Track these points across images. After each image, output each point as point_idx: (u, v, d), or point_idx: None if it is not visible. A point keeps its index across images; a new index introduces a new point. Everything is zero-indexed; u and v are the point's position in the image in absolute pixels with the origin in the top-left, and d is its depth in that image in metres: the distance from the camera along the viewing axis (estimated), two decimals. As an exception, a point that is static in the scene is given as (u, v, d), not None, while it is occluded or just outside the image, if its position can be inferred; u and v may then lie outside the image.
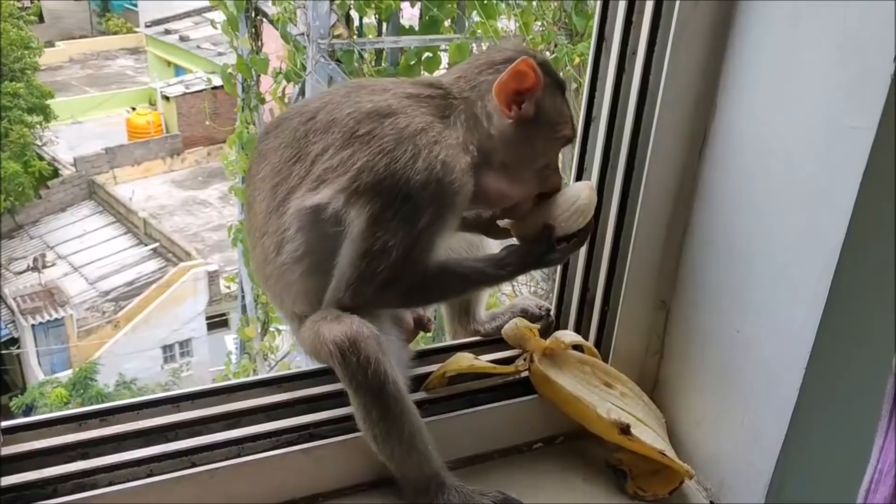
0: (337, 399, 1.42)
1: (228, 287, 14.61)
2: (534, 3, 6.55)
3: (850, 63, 1.10)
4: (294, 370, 1.53)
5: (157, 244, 17.44)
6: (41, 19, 22.41)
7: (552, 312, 1.66)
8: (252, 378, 1.51)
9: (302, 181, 1.30)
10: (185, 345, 16.36)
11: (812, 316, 1.20)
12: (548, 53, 6.45)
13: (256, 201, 1.37)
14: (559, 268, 1.64)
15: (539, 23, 6.59)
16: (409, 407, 1.31)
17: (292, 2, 6.48)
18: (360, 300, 1.31)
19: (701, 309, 1.45)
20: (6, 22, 17.42)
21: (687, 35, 1.28)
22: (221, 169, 11.81)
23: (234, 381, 1.48)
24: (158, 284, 16.27)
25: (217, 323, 16.56)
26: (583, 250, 1.56)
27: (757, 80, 1.26)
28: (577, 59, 5.92)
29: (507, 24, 6.74)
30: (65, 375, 14.22)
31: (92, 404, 11.75)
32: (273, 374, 1.55)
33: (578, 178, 1.55)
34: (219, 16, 7.75)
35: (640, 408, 1.50)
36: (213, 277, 16.48)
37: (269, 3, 7.06)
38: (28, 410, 13.75)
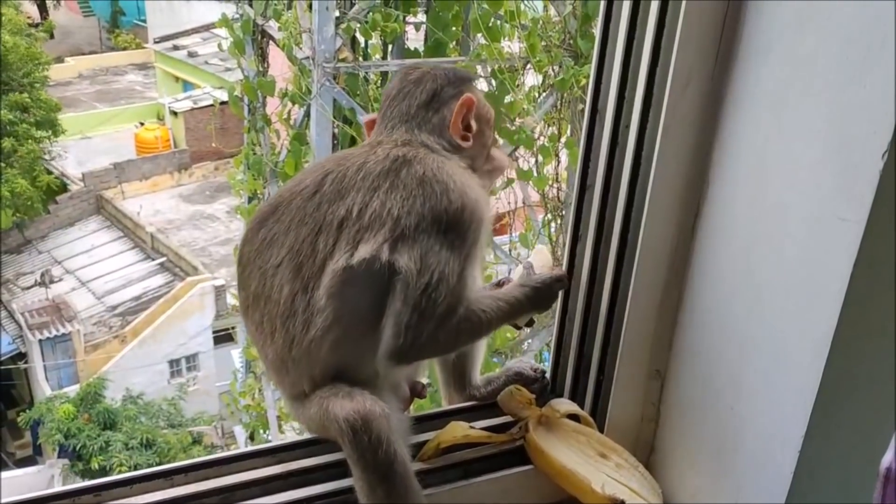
0: (331, 471, 1.42)
1: (235, 302, 14.65)
2: (539, 25, 6.57)
3: (840, 155, 1.10)
4: (289, 440, 1.53)
5: (164, 259, 17.52)
6: (52, 35, 22.60)
7: (547, 375, 1.66)
8: (247, 449, 1.51)
9: (334, 249, 1.30)
10: (191, 359, 16.41)
11: (805, 402, 1.19)
12: (552, 73, 6.50)
13: (274, 290, 1.34)
14: (555, 333, 1.64)
15: (544, 43, 6.61)
16: (414, 486, 1.31)
17: (298, 25, 6.51)
18: (420, 340, 1.29)
19: (696, 382, 1.44)
20: (16, 36, 17.57)
21: (677, 117, 1.28)
22: (229, 184, 11.88)
23: (228, 453, 1.47)
24: (165, 299, 16.34)
25: (223, 337, 16.61)
26: (578, 318, 1.56)
27: (747, 166, 1.26)
28: (584, 81, 5.93)
29: (510, 45, 6.77)
30: (72, 390, 14.27)
31: (99, 419, 11.71)
32: (268, 444, 1.54)
33: (574, 244, 1.55)
34: (227, 33, 7.80)
35: (636, 479, 1.50)
36: (219, 292, 16.54)
37: (276, 27, 7.09)
38: (35, 425, 13.80)
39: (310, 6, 6.30)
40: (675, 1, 1.25)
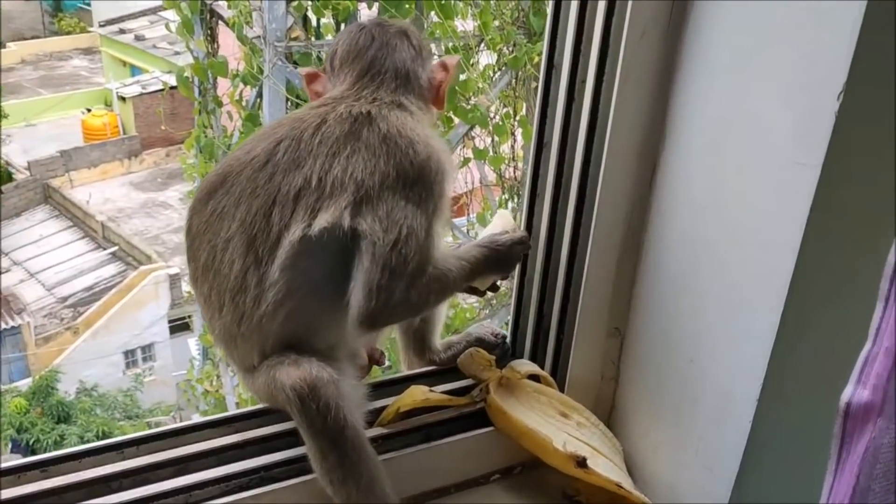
0: (288, 439, 1.39)
1: (191, 290, 14.41)
2: (492, 2, 6.53)
3: (796, 100, 1.10)
4: (245, 409, 1.50)
5: (116, 248, 17.14)
6: (-10, 20, 21.84)
7: (508, 340, 1.64)
8: (201, 419, 1.47)
9: (290, 221, 1.25)
10: (147, 349, 16.11)
11: (763, 349, 1.20)
12: (506, 51, 6.47)
13: (224, 264, 1.28)
14: (514, 294, 1.63)
15: (497, 22, 6.57)
16: (367, 451, 1.28)
17: (248, 3, 6.37)
18: (393, 300, 1.25)
19: (655, 337, 1.44)
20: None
21: (635, 69, 1.27)
22: (181, 170, 11.65)
23: (182, 424, 1.43)
24: (118, 289, 15.99)
25: (179, 326, 16.31)
26: (537, 279, 1.55)
27: (704, 117, 1.25)
28: (537, 58, 5.92)
29: (464, 24, 6.72)
30: (24, 384, 13.92)
31: (53, 413, 11.46)
32: (222, 414, 1.50)
33: (532, 203, 1.53)
34: (174, 15, 7.60)
35: (597, 437, 1.49)
36: (174, 280, 16.23)
37: (225, 6, 6.94)
38: (-14, 421, 13.46)
39: (259, -17, 6.17)
40: (628, -50, 1.24)
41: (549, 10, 1.37)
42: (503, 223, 1.51)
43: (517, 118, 6.56)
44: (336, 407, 1.23)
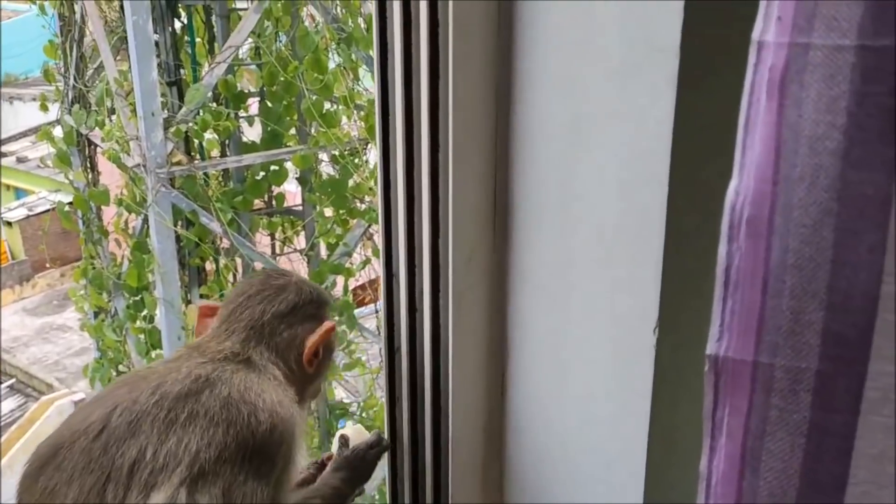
0: None
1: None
2: (374, 103, 6.62)
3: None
4: None
5: (13, 380, 16.22)
6: None
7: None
8: None
9: (125, 499, 1.15)
10: (56, 485, 15.15)
11: None
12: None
13: None
14: (388, 475, 1.59)
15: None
16: None
17: (125, 134, 6.27)
18: None
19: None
20: None
21: (466, 295, 1.28)
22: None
23: None
24: (19, 424, 15.01)
25: (90, 455, 15.44)
26: (407, 491, 1.53)
27: (540, 329, 1.27)
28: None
29: (349, 126, 6.80)
30: (-81, 542, 12.79)
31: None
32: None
33: (392, 409, 1.51)
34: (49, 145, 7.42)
35: None
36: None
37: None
38: None
39: (134, 112, 6.10)
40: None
41: (381, 234, 1.37)
42: (357, 435, 1.48)
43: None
44: None
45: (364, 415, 6.94)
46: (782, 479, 0.60)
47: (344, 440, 1.44)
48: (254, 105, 6.79)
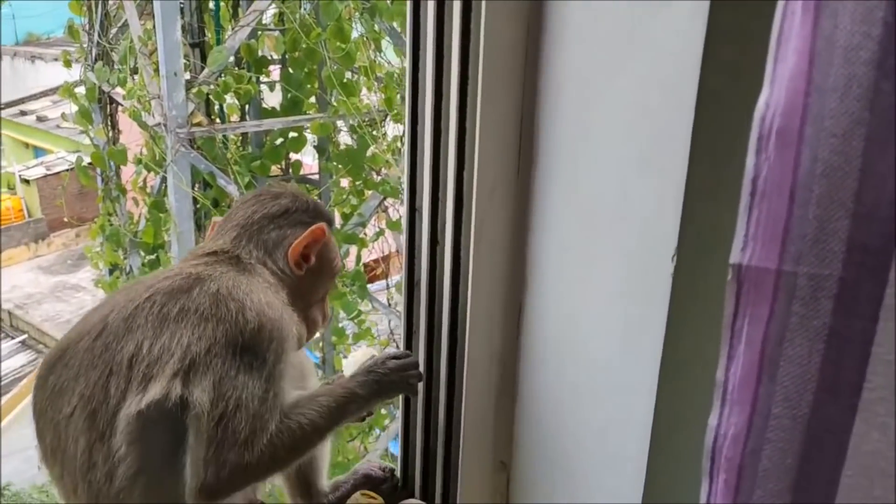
0: None
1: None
2: (394, 78, 6.63)
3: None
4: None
5: (25, 336, 16.41)
6: None
7: (396, 473, 1.62)
8: None
9: (126, 391, 1.20)
10: (64, 441, 15.34)
11: (639, 465, 1.20)
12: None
13: (70, 442, 1.22)
14: (401, 429, 1.62)
15: (401, 94, 6.67)
16: None
17: (146, 92, 6.29)
18: (224, 473, 1.20)
19: (538, 471, 1.45)
20: None
21: (488, 227, 1.29)
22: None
23: None
24: (30, 379, 15.25)
25: (98, 414, 15.62)
26: (420, 413, 1.54)
27: (561, 260, 1.28)
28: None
29: (368, 97, 6.79)
30: (-72, 489, 13.03)
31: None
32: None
33: (409, 341, 1.53)
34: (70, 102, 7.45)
35: (490, 574, 1.48)
36: (90, 366, 15.58)
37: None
38: None
39: (157, 71, 6.12)
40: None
41: (406, 169, 1.39)
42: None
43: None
44: None
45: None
46: (798, 384, 0.61)
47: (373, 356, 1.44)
48: (275, 72, 6.79)
